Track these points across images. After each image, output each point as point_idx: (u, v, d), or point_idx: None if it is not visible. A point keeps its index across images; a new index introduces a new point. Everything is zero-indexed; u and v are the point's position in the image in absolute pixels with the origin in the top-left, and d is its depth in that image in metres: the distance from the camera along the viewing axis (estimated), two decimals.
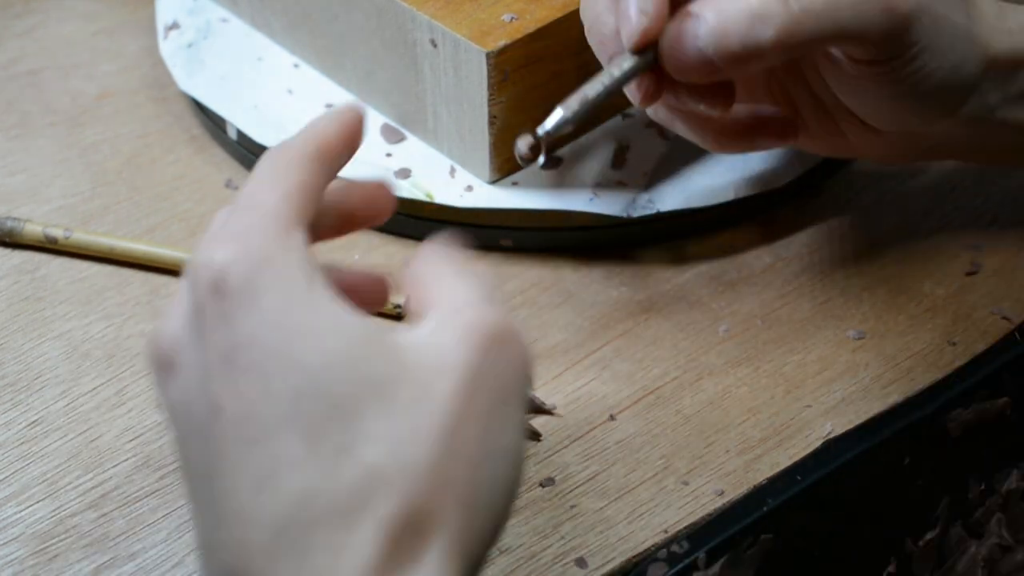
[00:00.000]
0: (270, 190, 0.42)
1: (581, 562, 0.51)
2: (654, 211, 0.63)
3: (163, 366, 0.41)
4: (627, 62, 0.52)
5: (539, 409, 0.56)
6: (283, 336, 0.38)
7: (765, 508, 0.53)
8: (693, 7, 0.51)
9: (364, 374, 0.38)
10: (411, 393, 0.39)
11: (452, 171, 0.64)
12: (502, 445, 0.40)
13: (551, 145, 0.53)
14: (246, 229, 0.40)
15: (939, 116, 0.56)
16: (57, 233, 0.63)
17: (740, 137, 0.59)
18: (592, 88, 0.52)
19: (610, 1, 0.53)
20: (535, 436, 0.55)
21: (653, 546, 0.52)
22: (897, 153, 0.60)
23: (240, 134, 0.67)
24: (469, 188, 0.64)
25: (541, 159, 0.53)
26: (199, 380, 0.40)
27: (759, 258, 0.64)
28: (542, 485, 0.54)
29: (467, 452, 0.39)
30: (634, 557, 0.52)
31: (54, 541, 0.52)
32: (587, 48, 0.62)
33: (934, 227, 0.65)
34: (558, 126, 0.52)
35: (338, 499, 0.37)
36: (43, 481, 0.54)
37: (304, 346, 0.38)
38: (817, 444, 0.56)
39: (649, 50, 0.52)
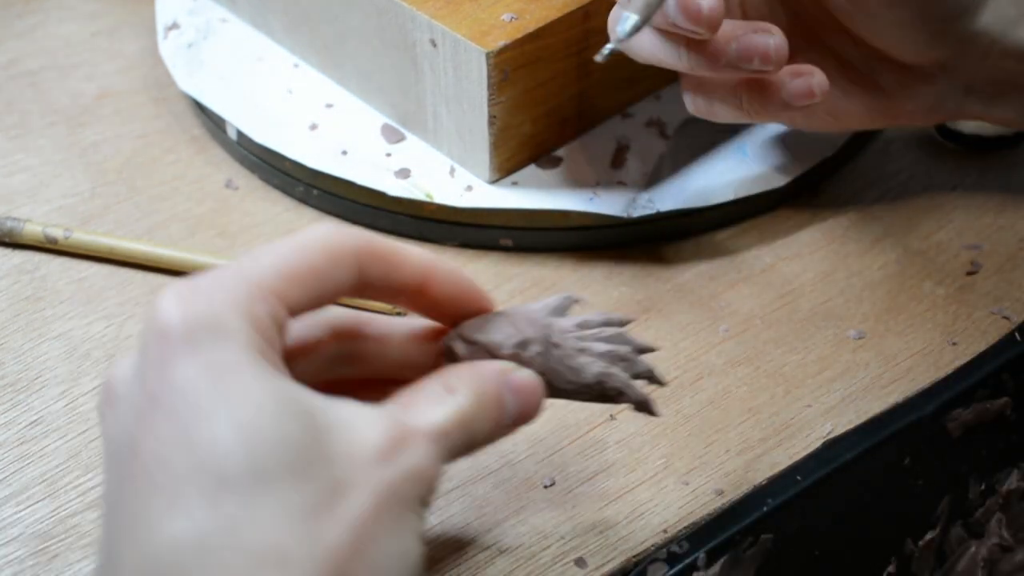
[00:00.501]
0: (266, 258, 0.42)
1: (581, 562, 0.51)
2: (654, 211, 0.63)
3: (107, 400, 0.42)
4: None
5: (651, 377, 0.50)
6: (214, 391, 0.39)
7: (765, 508, 0.53)
8: None
9: (286, 443, 0.39)
10: (328, 474, 0.39)
11: (452, 171, 0.64)
12: (401, 549, 0.40)
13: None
14: (215, 286, 0.41)
15: (951, 29, 0.56)
16: (57, 233, 0.63)
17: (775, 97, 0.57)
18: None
19: None
20: (660, 382, 0.50)
21: (653, 546, 0.52)
22: (922, 106, 0.60)
23: (240, 134, 0.67)
24: (469, 188, 0.64)
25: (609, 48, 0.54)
26: (128, 416, 0.40)
27: (759, 258, 0.64)
28: (542, 485, 0.54)
29: (368, 549, 0.39)
30: (634, 557, 0.52)
31: (54, 541, 0.52)
32: (586, 48, 0.63)
33: (934, 227, 0.65)
34: (632, 31, 0.53)
35: (233, 563, 0.38)
36: (43, 481, 0.54)
37: (231, 404, 0.39)
38: (817, 444, 0.56)
39: None
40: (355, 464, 0.40)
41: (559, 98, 0.63)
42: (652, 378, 0.49)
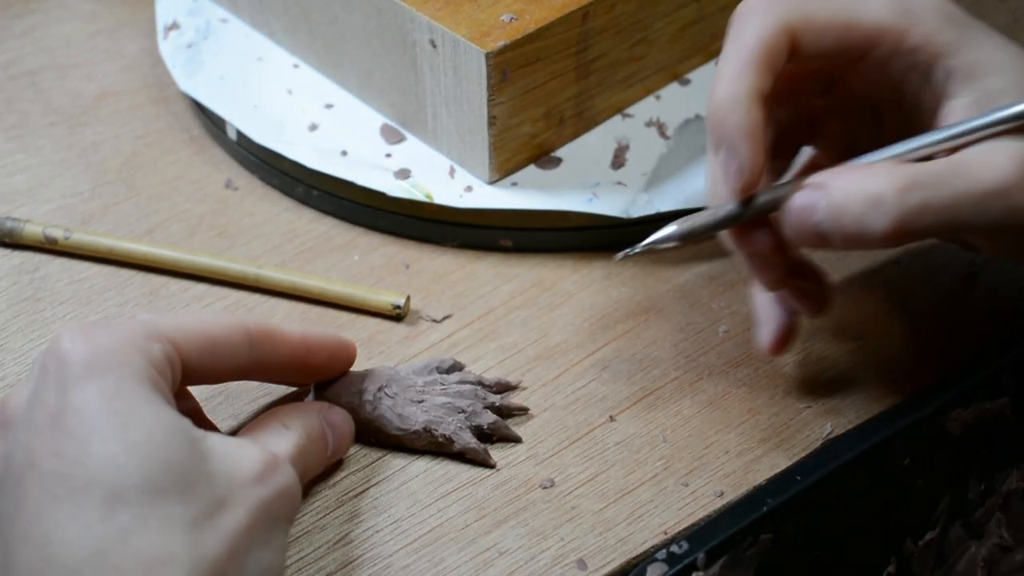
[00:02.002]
0: (166, 317, 0.48)
1: (581, 563, 0.51)
2: (654, 211, 0.63)
3: (3, 423, 0.46)
4: (730, 206, 0.52)
5: (511, 413, 0.57)
6: (108, 411, 0.44)
7: (765, 508, 0.53)
8: (820, 177, 0.51)
9: (174, 463, 0.43)
10: (210, 492, 0.44)
11: (452, 171, 0.64)
12: (270, 560, 0.46)
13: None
14: (115, 327, 0.46)
15: None
16: (57, 233, 0.63)
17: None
18: (700, 218, 0.53)
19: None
20: (516, 439, 0.56)
21: (653, 547, 0.52)
22: None
23: (240, 134, 0.67)
24: (469, 188, 0.63)
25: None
26: (24, 434, 0.44)
27: None
28: (542, 486, 0.54)
29: (243, 559, 0.45)
30: (634, 559, 0.52)
31: None
32: (586, 48, 0.63)
33: None
34: (661, 240, 0.53)
35: (125, 567, 0.42)
36: None
37: (125, 424, 0.43)
38: (817, 444, 0.56)
39: (753, 201, 0.52)
40: (234, 484, 0.45)
41: (559, 98, 0.63)
42: (509, 412, 0.57)
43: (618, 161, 0.65)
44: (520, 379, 0.58)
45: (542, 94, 0.62)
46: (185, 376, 0.48)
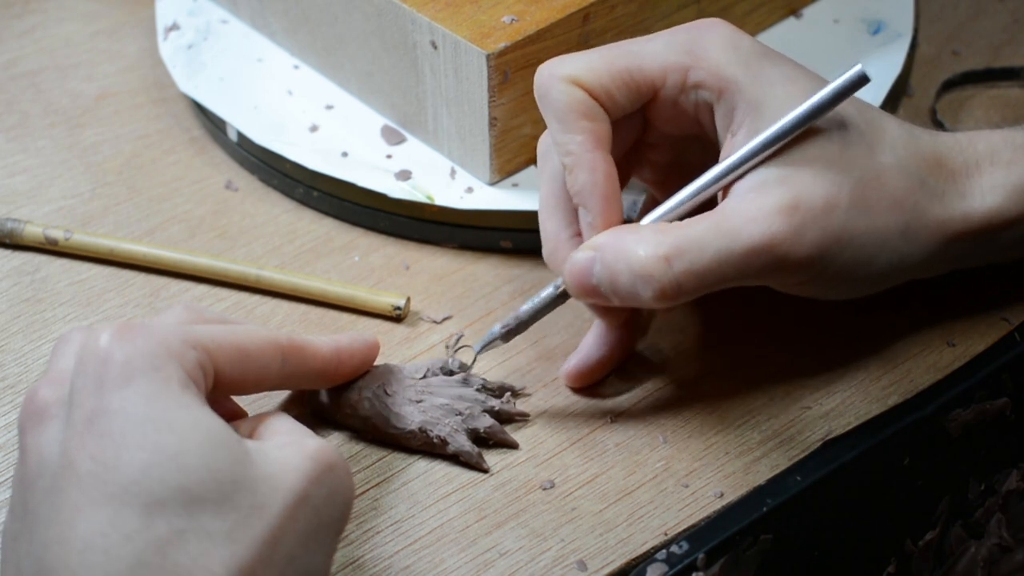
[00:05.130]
0: (201, 326, 0.48)
1: (581, 564, 0.51)
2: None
3: (34, 417, 0.45)
4: (549, 290, 0.56)
5: (511, 418, 0.57)
6: (146, 416, 0.43)
7: (764, 509, 0.53)
8: (599, 239, 0.53)
9: (212, 470, 0.43)
10: (249, 500, 0.43)
11: (452, 173, 0.64)
12: (313, 567, 0.45)
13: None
14: (151, 330, 0.45)
15: (884, 287, 0.57)
16: (57, 234, 0.63)
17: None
18: (523, 311, 0.56)
19: (561, 232, 0.56)
20: (513, 445, 0.56)
21: (653, 548, 0.52)
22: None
23: (240, 135, 0.67)
24: (469, 190, 0.64)
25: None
26: (62, 434, 0.43)
27: None
28: (542, 487, 0.54)
29: (284, 568, 0.44)
30: (634, 559, 0.52)
31: None
32: (586, 48, 0.63)
33: None
34: (490, 342, 0.56)
35: None
36: None
37: (163, 430, 0.43)
38: (817, 445, 0.56)
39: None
40: (277, 490, 0.44)
41: None
42: (509, 418, 0.56)
43: None
44: (523, 385, 0.58)
45: None
46: (216, 386, 0.48)
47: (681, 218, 0.54)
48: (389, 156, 0.65)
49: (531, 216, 0.63)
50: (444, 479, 0.54)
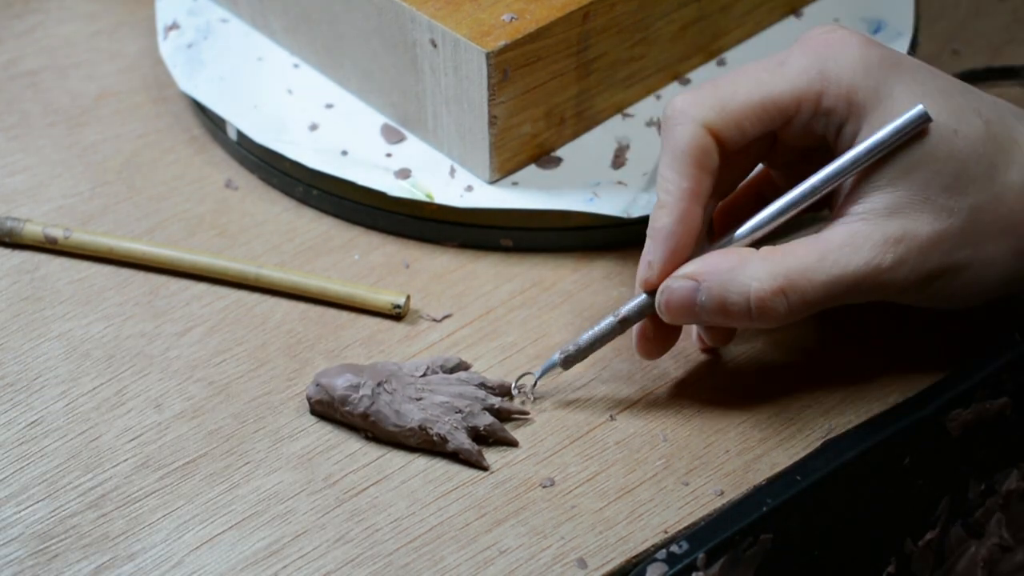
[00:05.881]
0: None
1: (581, 562, 0.51)
2: None
3: None
4: (608, 321, 0.56)
5: (511, 416, 0.57)
6: None
7: (765, 508, 0.53)
8: (696, 267, 0.54)
9: None
10: None
11: (452, 171, 0.64)
12: None
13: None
14: None
15: (995, 297, 0.57)
16: (57, 233, 0.63)
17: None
18: (582, 339, 0.57)
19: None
20: (513, 443, 0.56)
21: (653, 546, 0.52)
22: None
23: (240, 134, 0.67)
24: (469, 188, 0.64)
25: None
26: None
27: None
28: (542, 485, 0.54)
29: None
30: (634, 557, 0.52)
31: (54, 541, 0.52)
32: (586, 48, 0.63)
33: None
34: (549, 369, 0.57)
35: None
36: (43, 481, 0.54)
37: None
38: (817, 444, 0.56)
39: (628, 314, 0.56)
40: None
41: (559, 98, 0.63)
42: (508, 415, 0.56)
43: (618, 161, 0.65)
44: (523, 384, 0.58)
45: (542, 94, 0.62)
46: None
47: (775, 231, 0.55)
48: (389, 155, 0.65)
49: (531, 214, 0.63)
50: (444, 477, 0.54)
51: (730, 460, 0.55)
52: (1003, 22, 0.77)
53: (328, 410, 0.56)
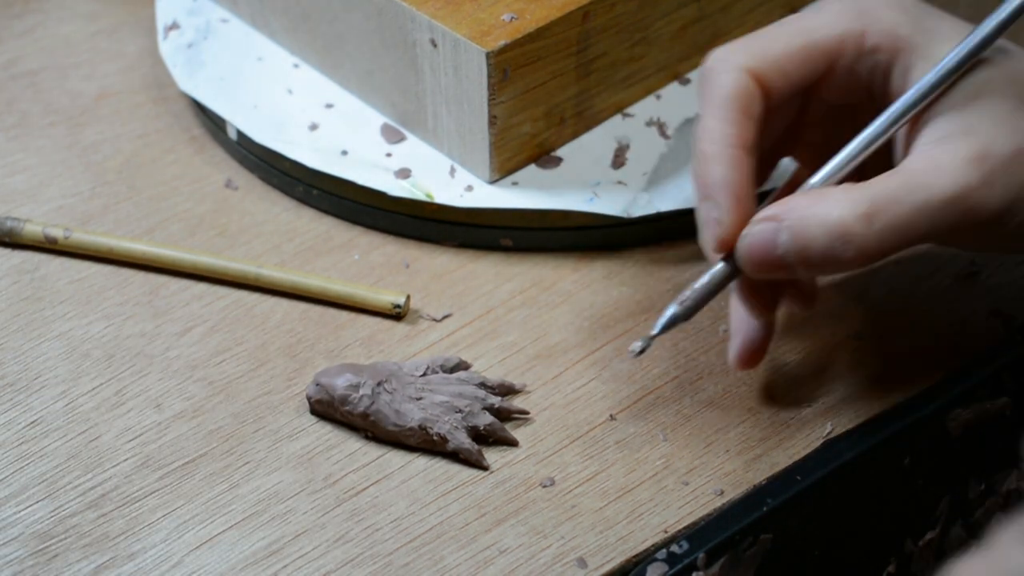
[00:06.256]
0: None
1: (581, 562, 0.51)
2: (654, 211, 0.63)
3: None
4: (717, 266, 0.53)
5: (511, 416, 0.57)
6: None
7: (765, 508, 0.53)
8: (774, 209, 0.51)
9: None
10: None
11: (452, 171, 0.64)
12: None
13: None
14: None
15: None
16: (57, 233, 0.63)
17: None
18: (697, 289, 0.53)
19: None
20: (513, 442, 0.56)
21: (653, 546, 0.52)
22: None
23: (240, 134, 0.67)
24: (469, 188, 0.64)
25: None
26: None
27: None
28: (542, 485, 0.54)
29: None
30: (634, 557, 0.52)
31: (53, 541, 0.52)
32: (586, 48, 0.63)
33: None
34: (667, 325, 0.53)
35: None
36: (42, 481, 0.54)
37: None
38: (817, 444, 0.56)
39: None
40: None
41: (559, 98, 0.63)
42: (508, 415, 0.56)
43: (618, 160, 0.65)
44: (523, 383, 0.58)
45: (542, 93, 0.62)
46: None
47: (848, 177, 0.52)
48: (389, 154, 0.65)
49: (531, 214, 0.63)
50: (443, 476, 0.54)
51: (730, 460, 0.55)
52: None
53: (328, 410, 0.56)
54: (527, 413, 0.57)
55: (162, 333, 0.60)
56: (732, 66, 0.52)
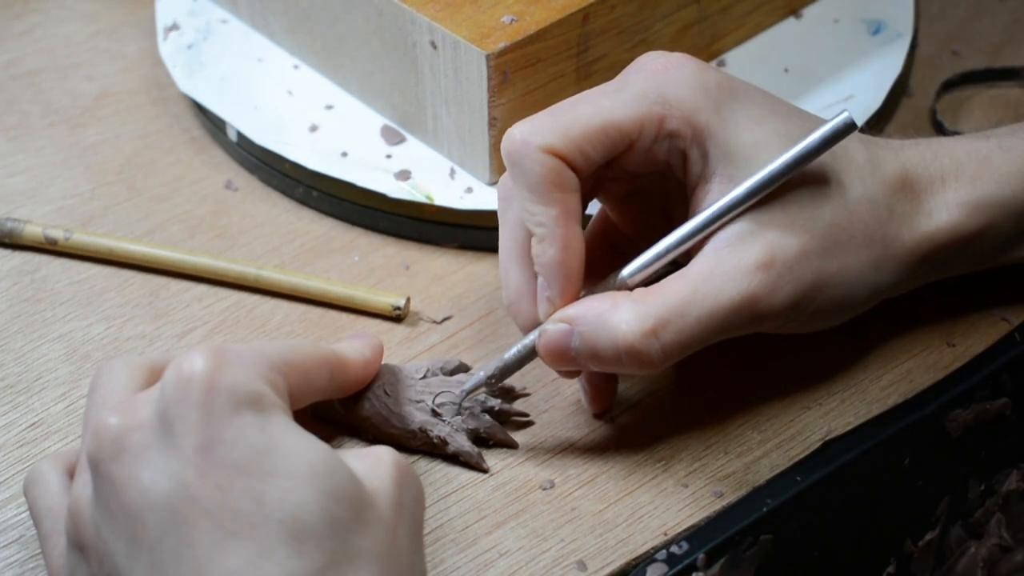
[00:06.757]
0: (272, 347, 0.48)
1: (581, 564, 0.51)
2: None
3: (111, 447, 0.43)
4: (531, 336, 0.54)
5: (511, 418, 0.57)
6: (266, 444, 0.43)
7: (764, 509, 0.53)
8: (572, 311, 0.52)
9: (342, 490, 0.43)
10: (375, 514, 0.43)
11: (452, 173, 0.64)
12: (421, 568, 0.46)
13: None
14: (241, 356, 0.44)
15: (860, 312, 0.57)
16: (57, 234, 0.63)
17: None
18: (508, 354, 0.54)
19: (525, 284, 0.55)
20: (512, 445, 0.56)
21: (652, 549, 0.52)
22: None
23: (240, 135, 0.67)
24: (469, 190, 0.64)
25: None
26: (165, 463, 0.42)
27: None
28: (542, 488, 0.54)
29: (408, 561, 0.45)
30: (634, 560, 0.52)
31: None
32: (586, 49, 0.63)
33: None
34: (475, 387, 0.55)
35: None
36: None
37: (288, 455, 0.43)
38: (816, 445, 0.56)
39: None
40: (388, 500, 0.44)
41: (559, 99, 0.63)
42: (509, 418, 0.56)
43: None
44: (523, 386, 0.58)
45: (543, 95, 0.62)
46: None
47: (655, 273, 0.54)
48: (389, 156, 0.65)
49: None
50: (444, 479, 0.54)
51: (730, 462, 0.55)
52: (1003, 22, 0.77)
53: (328, 411, 0.56)
54: (527, 416, 0.57)
55: (162, 335, 0.60)
56: (535, 148, 0.52)
